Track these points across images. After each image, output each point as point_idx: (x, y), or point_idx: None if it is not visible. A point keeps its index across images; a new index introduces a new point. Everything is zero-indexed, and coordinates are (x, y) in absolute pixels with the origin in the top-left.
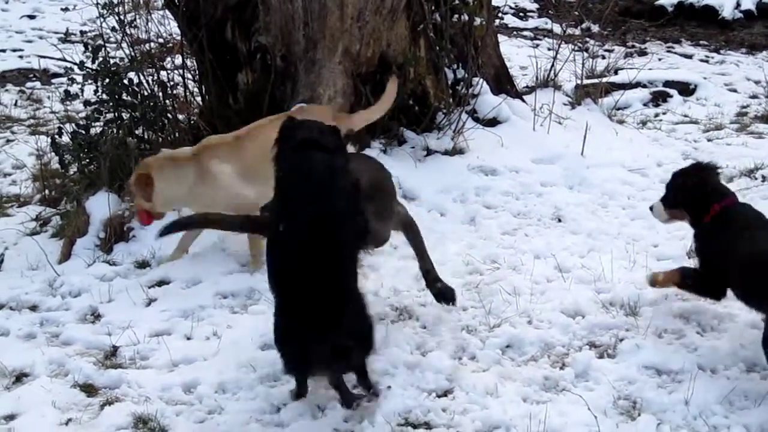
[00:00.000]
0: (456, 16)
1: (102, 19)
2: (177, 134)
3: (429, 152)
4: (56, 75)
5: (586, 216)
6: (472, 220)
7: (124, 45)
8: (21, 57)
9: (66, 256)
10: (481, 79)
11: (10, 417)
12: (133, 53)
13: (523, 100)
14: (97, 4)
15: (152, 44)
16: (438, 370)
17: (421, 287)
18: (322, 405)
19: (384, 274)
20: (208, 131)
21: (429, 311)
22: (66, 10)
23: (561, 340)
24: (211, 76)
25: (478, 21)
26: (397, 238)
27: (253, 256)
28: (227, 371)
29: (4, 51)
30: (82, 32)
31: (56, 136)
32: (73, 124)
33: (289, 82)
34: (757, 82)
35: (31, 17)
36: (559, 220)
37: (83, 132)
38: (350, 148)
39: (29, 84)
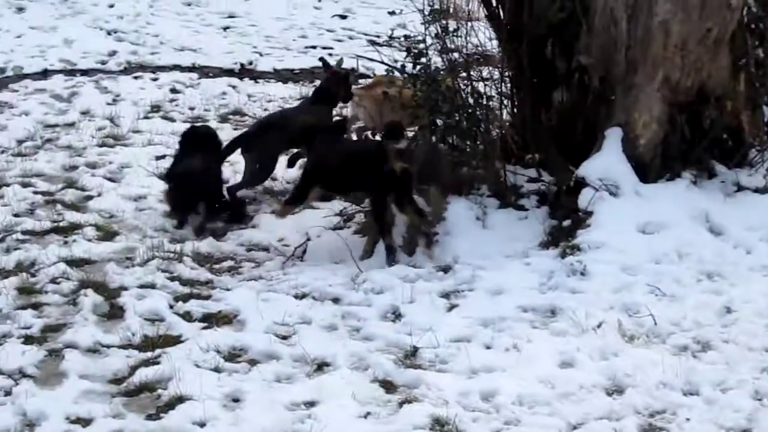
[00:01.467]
0: None
1: (426, 25)
2: (487, 145)
3: (739, 188)
4: (363, 75)
5: None
6: None
7: (442, 52)
8: (330, 54)
9: (369, 253)
10: None
11: (311, 403)
12: (451, 61)
13: None
14: (423, 11)
15: (469, 54)
16: (737, 409)
17: (724, 323)
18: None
19: (687, 306)
20: (518, 145)
21: (731, 348)
22: (393, 13)
23: None
24: (526, 91)
25: None
26: None
27: None
28: (526, 384)
29: (314, 47)
30: (406, 37)
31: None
32: None
33: (604, 105)
34: None
35: (343, 17)
36: None
37: None
38: None
39: None
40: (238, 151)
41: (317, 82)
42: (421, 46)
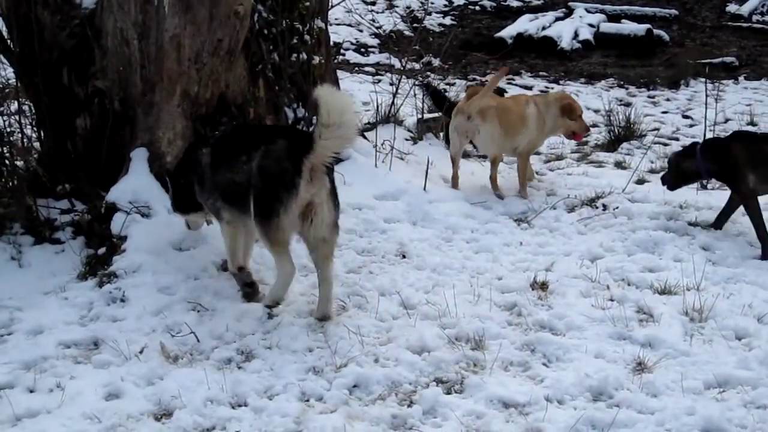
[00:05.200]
0: (294, 55)
1: None
2: (15, 181)
3: None
4: None
5: (430, 251)
6: None
7: None
8: None
9: None
10: None
11: None
12: None
13: (365, 137)
14: None
15: None
16: (285, 413)
17: (265, 330)
18: None
19: (229, 317)
20: (46, 177)
21: (275, 354)
22: None
23: (408, 377)
24: (48, 122)
25: (316, 59)
26: None
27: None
28: (71, 423)
29: None
30: None
31: None
32: None
33: (128, 126)
34: (596, 111)
35: None
36: (404, 257)
37: None
38: None
39: None
40: None
41: None
42: None
